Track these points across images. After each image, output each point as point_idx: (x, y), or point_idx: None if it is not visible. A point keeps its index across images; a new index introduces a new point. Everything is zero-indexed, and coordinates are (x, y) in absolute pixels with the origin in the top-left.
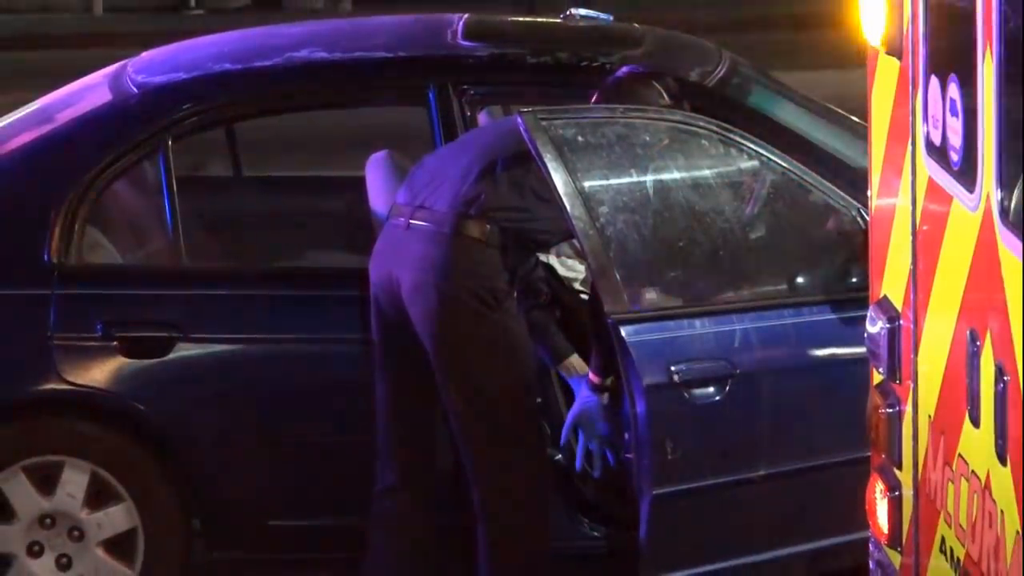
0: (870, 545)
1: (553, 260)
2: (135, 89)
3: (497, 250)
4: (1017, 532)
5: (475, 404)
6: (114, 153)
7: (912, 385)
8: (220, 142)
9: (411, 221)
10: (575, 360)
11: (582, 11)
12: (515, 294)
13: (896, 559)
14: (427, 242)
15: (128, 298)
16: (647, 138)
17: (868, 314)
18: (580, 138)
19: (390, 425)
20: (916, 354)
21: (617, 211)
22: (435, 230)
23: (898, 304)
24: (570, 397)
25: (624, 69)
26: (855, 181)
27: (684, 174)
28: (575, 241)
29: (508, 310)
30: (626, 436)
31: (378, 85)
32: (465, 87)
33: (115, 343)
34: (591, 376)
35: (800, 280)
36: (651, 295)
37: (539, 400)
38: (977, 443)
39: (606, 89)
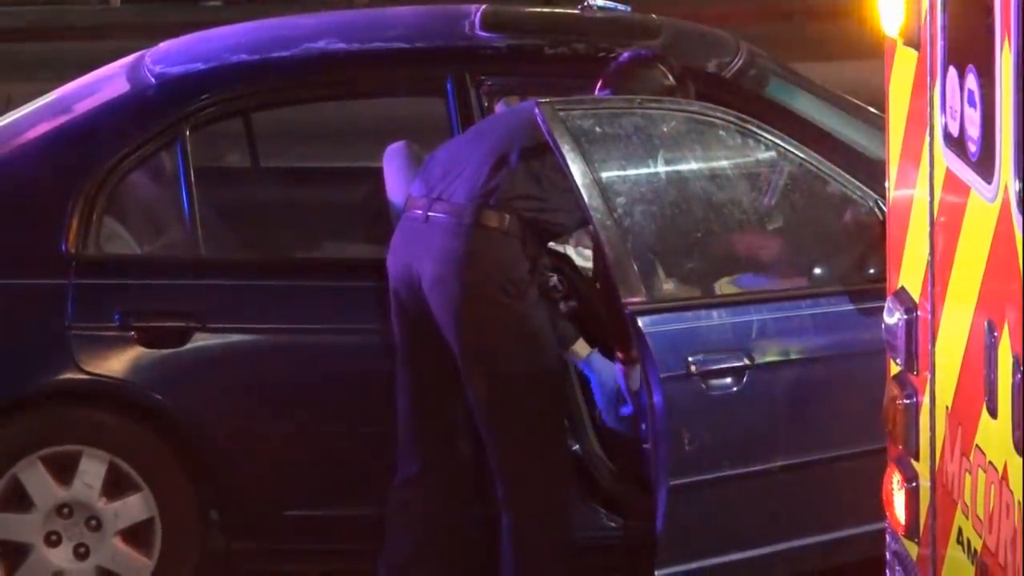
0: (887, 536)
1: (570, 250)
2: (153, 80)
3: (517, 239)
4: None
5: (499, 393)
6: (132, 143)
7: (929, 376)
8: (238, 132)
9: (429, 213)
10: (582, 344)
11: (600, 2)
12: (536, 283)
13: (913, 550)
14: (447, 234)
15: (145, 288)
16: (664, 129)
17: (885, 305)
18: (597, 129)
19: (411, 416)
20: (933, 345)
21: (634, 202)
22: (455, 222)
23: (915, 295)
24: (587, 390)
25: (626, 54)
26: (873, 172)
27: (701, 165)
28: (591, 230)
29: (530, 299)
30: (643, 426)
31: (395, 76)
32: (482, 78)
33: (132, 333)
34: (619, 354)
35: (817, 271)
36: (668, 286)
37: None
38: (994, 434)
39: (609, 75)
